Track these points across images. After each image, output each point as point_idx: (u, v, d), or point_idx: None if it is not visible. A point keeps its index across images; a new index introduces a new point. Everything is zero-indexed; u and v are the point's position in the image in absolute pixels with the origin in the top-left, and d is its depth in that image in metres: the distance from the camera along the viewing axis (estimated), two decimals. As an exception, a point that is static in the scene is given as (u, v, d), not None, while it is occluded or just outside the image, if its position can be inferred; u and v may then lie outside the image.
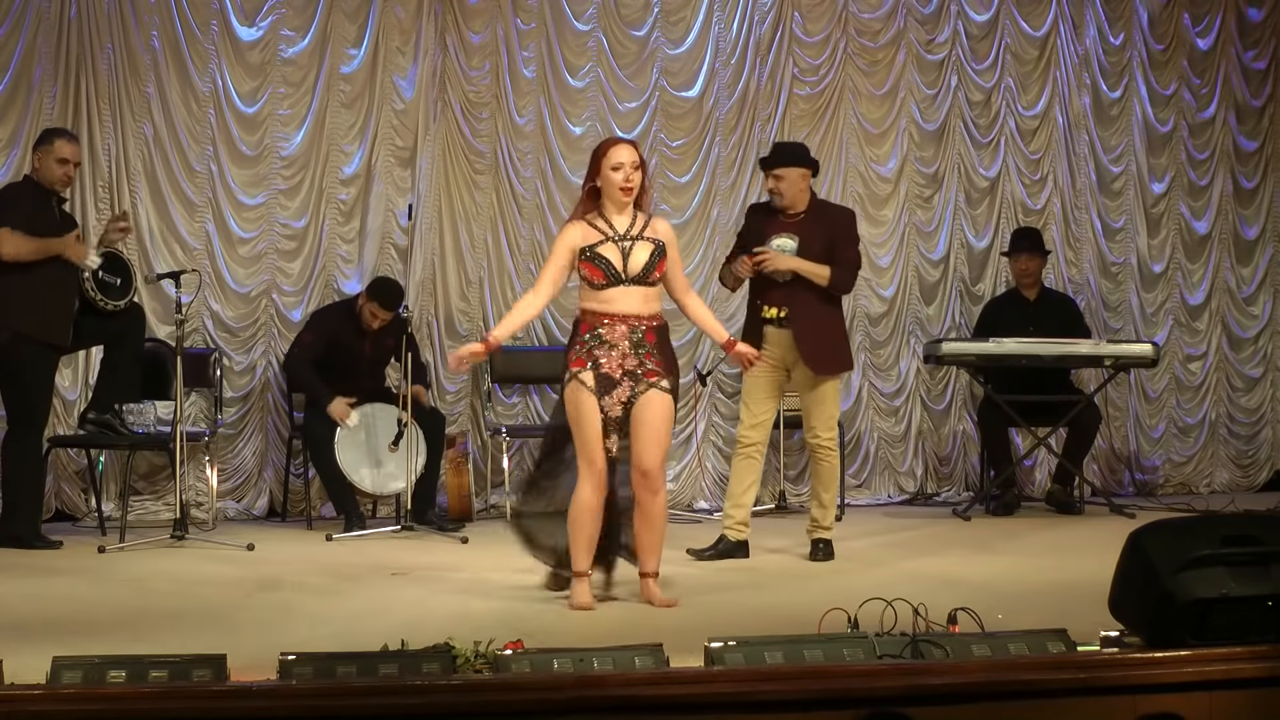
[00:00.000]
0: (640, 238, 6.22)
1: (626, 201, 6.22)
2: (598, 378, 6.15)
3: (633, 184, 6.19)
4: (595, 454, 6.14)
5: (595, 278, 6.18)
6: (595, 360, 6.16)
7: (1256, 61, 10.51)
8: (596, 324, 6.19)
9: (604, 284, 6.18)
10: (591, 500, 6.16)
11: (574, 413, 6.18)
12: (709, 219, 9.60)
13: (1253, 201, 10.54)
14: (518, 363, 9.25)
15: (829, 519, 7.55)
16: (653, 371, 6.19)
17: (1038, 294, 9.54)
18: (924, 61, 9.94)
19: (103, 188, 8.71)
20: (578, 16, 9.45)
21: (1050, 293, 9.67)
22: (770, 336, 7.41)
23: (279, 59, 8.99)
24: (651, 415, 6.16)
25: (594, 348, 6.17)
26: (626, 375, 6.16)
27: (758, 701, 4.50)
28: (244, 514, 8.92)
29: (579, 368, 6.17)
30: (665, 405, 6.21)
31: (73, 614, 6.04)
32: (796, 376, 7.47)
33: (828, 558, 7.42)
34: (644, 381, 6.17)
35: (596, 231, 6.22)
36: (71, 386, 8.64)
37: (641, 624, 5.84)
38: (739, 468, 7.53)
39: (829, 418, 7.49)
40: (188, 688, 4.35)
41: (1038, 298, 9.52)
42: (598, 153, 6.30)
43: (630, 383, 6.16)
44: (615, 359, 6.16)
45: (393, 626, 5.43)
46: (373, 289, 8.53)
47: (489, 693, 4.46)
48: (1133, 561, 4.96)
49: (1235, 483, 10.46)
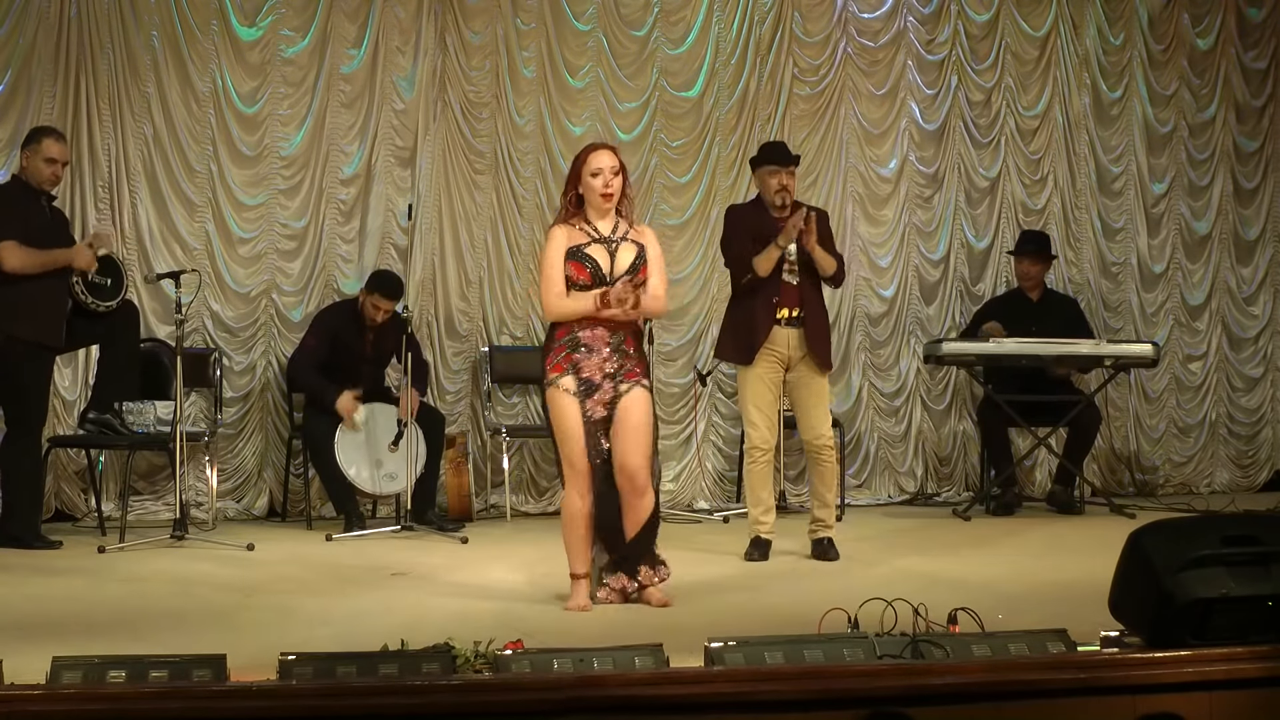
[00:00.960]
0: (625, 240, 6.24)
1: (608, 207, 6.24)
2: (579, 382, 6.16)
3: (612, 189, 6.20)
4: (578, 459, 6.16)
5: (581, 277, 6.18)
6: (575, 364, 6.17)
7: (1256, 61, 10.51)
8: (576, 329, 6.19)
9: (587, 284, 6.17)
10: (580, 504, 6.19)
11: (556, 418, 6.20)
12: (709, 219, 9.60)
13: (1253, 201, 10.54)
14: (518, 363, 9.25)
15: (833, 517, 7.57)
16: (632, 372, 6.21)
17: (1041, 295, 9.54)
18: (924, 61, 9.94)
19: (103, 188, 8.71)
20: (578, 16, 9.46)
21: (1053, 294, 9.68)
22: (778, 336, 7.40)
23: (279, 59, 8.99)
24: (635, 416, 6.18)
25: (572, 352, 6.18)
26: (607, 378, 6.18)
27: (758, 701, 4.50)
28: (244, 514, 8.92)
29: (558, 374, 6.18)
30: (648, 405, 6.24)
31: (73, 614, 6.04)
32: (795, 377, 7.46)
33: (836, 556, 7.40)
34: (626, 381, 6.19)
35: (582, 234, 6.24)
36: (71, 386, 8.64)
37: (641, 624, 5.84)
38: (763, 474, 7.51)
39: (828, 416, 7.56)
40: (188, 688, 4.34)
41: (1041, 298, 9.52)
42: (577, 159, 6.31)
43: (611, 384, 6.18)
44: (595, 363, 6.17)
45: (393, 626, 5.43)
46: (373, 281, 8.54)
47: (489, 693, 4.46)
48: (1133, 561, 4.95)
49: (1235, 483, 10.46)
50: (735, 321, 7.54)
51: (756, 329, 7.41)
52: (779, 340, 7.40)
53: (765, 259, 7.35)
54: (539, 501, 9.31)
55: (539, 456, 9.37)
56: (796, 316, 7.40)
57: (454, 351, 9.26)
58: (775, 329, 7.40)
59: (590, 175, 6.21)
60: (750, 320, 7.44)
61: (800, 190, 9.72)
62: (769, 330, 7.39)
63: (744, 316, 7.47)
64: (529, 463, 9.35)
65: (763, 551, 7.43)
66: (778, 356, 7.41)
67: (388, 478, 8.39)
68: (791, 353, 7.42)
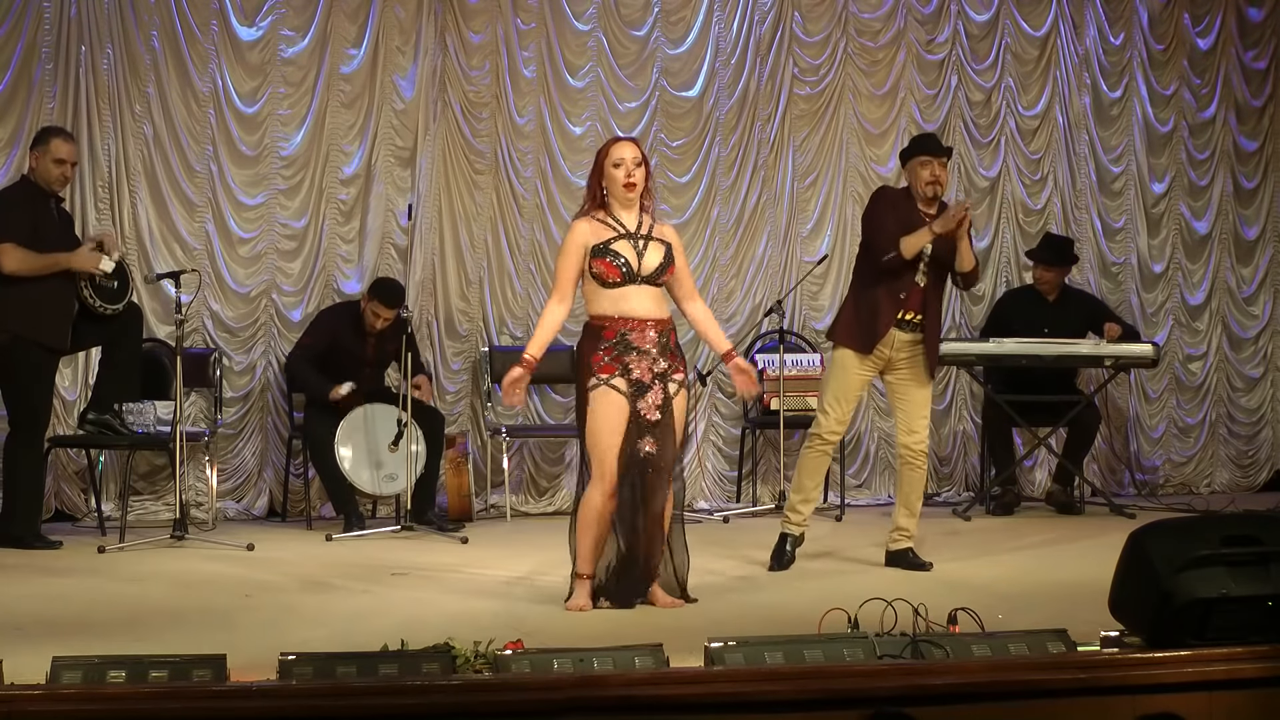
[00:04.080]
0: (650, 238, 6.20)
1: (632, 198, 6.17)
2: (630, 383, 6.09)
3: (635, 180, 6.15)
4: (611, 461, 6.07)
5: (611, 275, 6.11)
6: (625, 366, 6.09)
7: (1256, 61, 10.50)
8: (623, 328, 6.10)
9: (619, 282, 6.11)
10: (603, 506, 6.10)
11: (599, 417, 6.07)
12: (709, 219, 9.60)
13: (1253, 201, 10.54)
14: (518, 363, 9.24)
15: (916, 527, 7.31)
16: (678, 370, 6.21)
17: (1058, 295, 9.48)
18: (924, 61, 9.94)
19: (103, 188, 8.71)
20: (578, 16, 9.45)
21: (1071, 292, 9.59)
22: (892, 338, 7.13)
23: (279, 59, 8.99)
24: (678, 418, 6.20)
25: (623, 353, 6.10)
26: (657, 378, 6.13)
27: (758, 701, 4.50)
28: (244, 514, 8.91)
29: (609, 374, 6.08)
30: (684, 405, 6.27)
31: (73, 614, 6.04)
32: (897, 379, 7.23)
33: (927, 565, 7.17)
34: (672, 381, 6.17)
35: (607, 228, 6.18)
36: (71, 386, 8.63)
37: (641, 624, 5.84)
38: (817, 464, 7.26)
39: (929, 424, 7.35)
40: (188, 688, 4.35)
41: (1058, 299, 9.46)
42: (601, 152, 6.27)
43: (660, 385, 6.13)
44: (646, 364, 6.10)
45: (393, 626, 5.43)
46: (374, 288, 8.54)
47: (489, 693, 4.46)
48: (1133, 561, 4.96)
49: (1235, 483, 10.46)
50: (860, 307, 7.23)
51: (879, 322, 7.14)
52: (889, 340, 7.15)
53: (915, 239, 7.03)
54: (539, 501, 9.31)
55: (539, 456, 9.38)
56: (916, 321, 7.16)
57: (454, 351, 9.27)
58: (894, 330, 7.14)
59: (613, 166, 6.17)
60: (874, 311, 7.16)
61: (800, 190, 9.80)
62: (889, 327, 7.13)
63: (869, 305, 7.18)
64: (529, 463, 9.35)
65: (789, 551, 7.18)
66: (881, 356, 7.18)
67: (388, 478, 8.38)
68: (895, 354, 7.16)
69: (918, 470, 7.27)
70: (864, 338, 7.16)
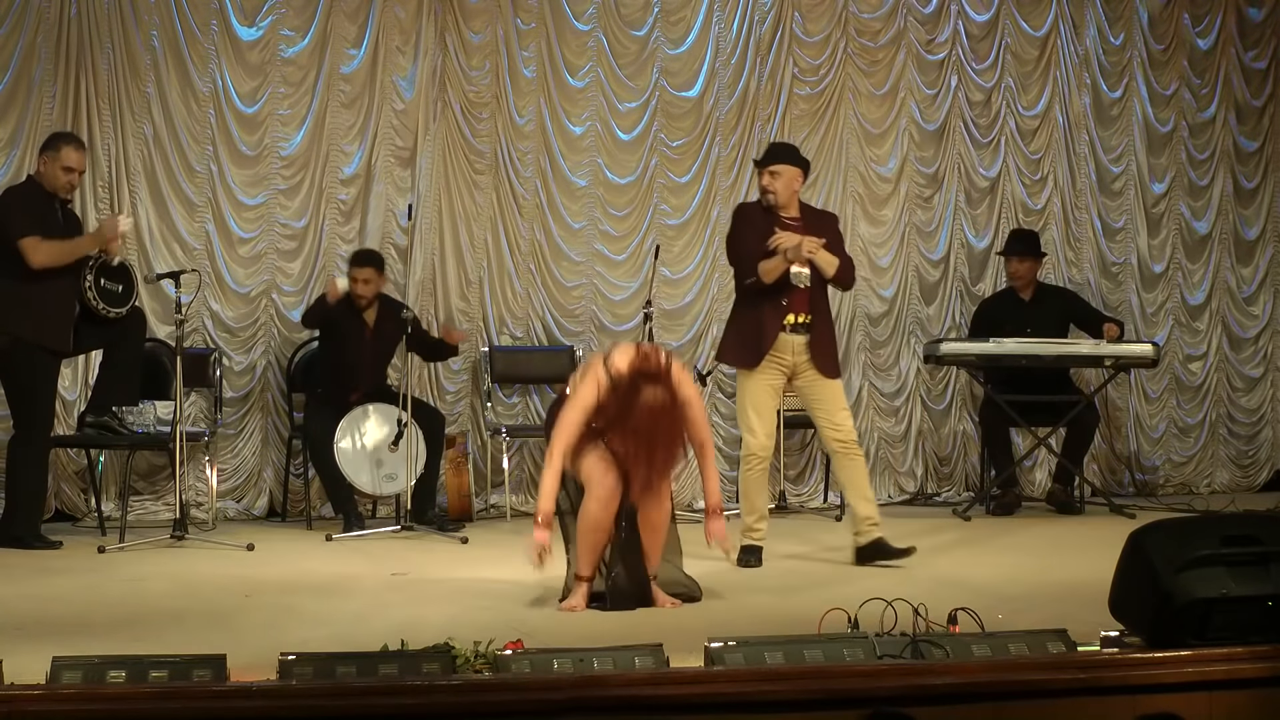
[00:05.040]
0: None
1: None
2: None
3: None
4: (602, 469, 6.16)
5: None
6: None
7: (1256, 61, 10.50)
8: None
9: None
10: (599, 514, 6.14)
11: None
12: (709, 219, 9.60)
13: (1253, 201, 10.54)
14: (518, 363, 9.26)
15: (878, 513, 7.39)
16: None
17: (1033, 294, 9.52)
18: (924, 61, 9.94)
19: (103, 188, 8.71)
20: (578, 16, 9.45)
21: (1046, 289, 9.64)
22: (784, 342, 7.24)
23: (279, 59, 8.99)
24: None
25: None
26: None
27: (758, 702, 4.50)
28: (244, 514, 8.92)
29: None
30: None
31: (73, 614, 6.04)
32: (802, 382, 7.33)
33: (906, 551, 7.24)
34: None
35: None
36: (71, 387, 8.63)
37: (641, 624, 5.84)
38: (759, 481, 7.38)
39: (847, 412, 7.41)
40: (188, 688, 4.35)
41: (1033, 297, 9.50)
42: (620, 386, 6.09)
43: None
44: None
45: (393, 626, 5.43)
46: (349, 260, 8.60)
47: (489, 693, 4.46)
48: (1133, 561, 4.96)
49: (1235, 483, 10.45)
50: (741, 323, 7.36)
51: (764, 333, 7.23)
52: (784, 346, 7.25)
53: (772, 267, 7.17)
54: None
55: (539, 456, 9.36)
56: (804, 323, 7.25)
57: (454, 351, 9.27)
58: (781, 335, 7.24)
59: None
60: (757, 323, 7.25)
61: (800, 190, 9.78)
62: (776, 335, 7.23)
63: (751, 319, 7.28)
64: (529, 463, 9.34)
65: (757, 557, 7.32)
66: (782, 363, 7.27)
67: (388, 478, 8.38)
68: (796, 359, 7.26)
69: (856, 459, 7.36)
70: (749, 353, 7.28)
